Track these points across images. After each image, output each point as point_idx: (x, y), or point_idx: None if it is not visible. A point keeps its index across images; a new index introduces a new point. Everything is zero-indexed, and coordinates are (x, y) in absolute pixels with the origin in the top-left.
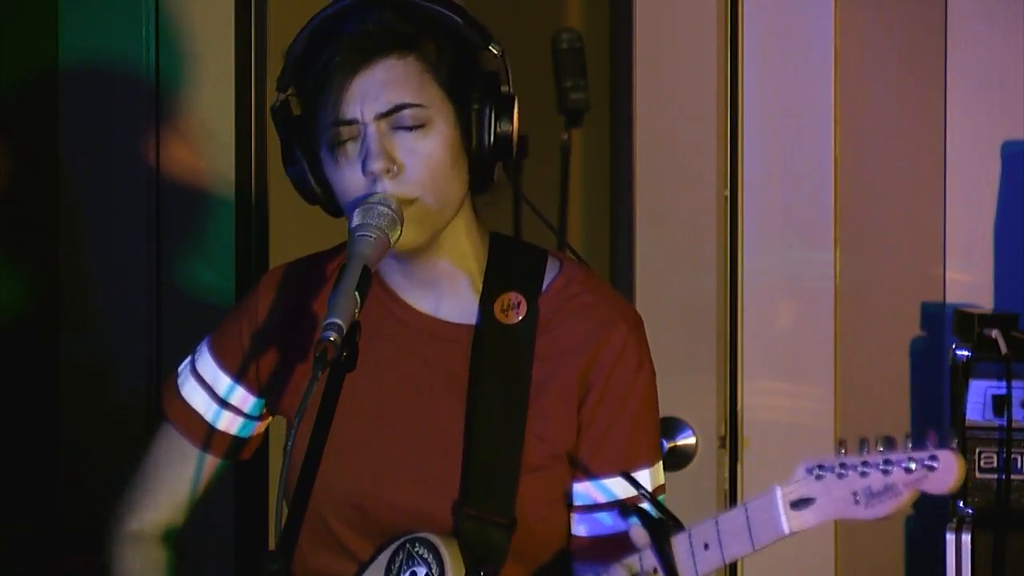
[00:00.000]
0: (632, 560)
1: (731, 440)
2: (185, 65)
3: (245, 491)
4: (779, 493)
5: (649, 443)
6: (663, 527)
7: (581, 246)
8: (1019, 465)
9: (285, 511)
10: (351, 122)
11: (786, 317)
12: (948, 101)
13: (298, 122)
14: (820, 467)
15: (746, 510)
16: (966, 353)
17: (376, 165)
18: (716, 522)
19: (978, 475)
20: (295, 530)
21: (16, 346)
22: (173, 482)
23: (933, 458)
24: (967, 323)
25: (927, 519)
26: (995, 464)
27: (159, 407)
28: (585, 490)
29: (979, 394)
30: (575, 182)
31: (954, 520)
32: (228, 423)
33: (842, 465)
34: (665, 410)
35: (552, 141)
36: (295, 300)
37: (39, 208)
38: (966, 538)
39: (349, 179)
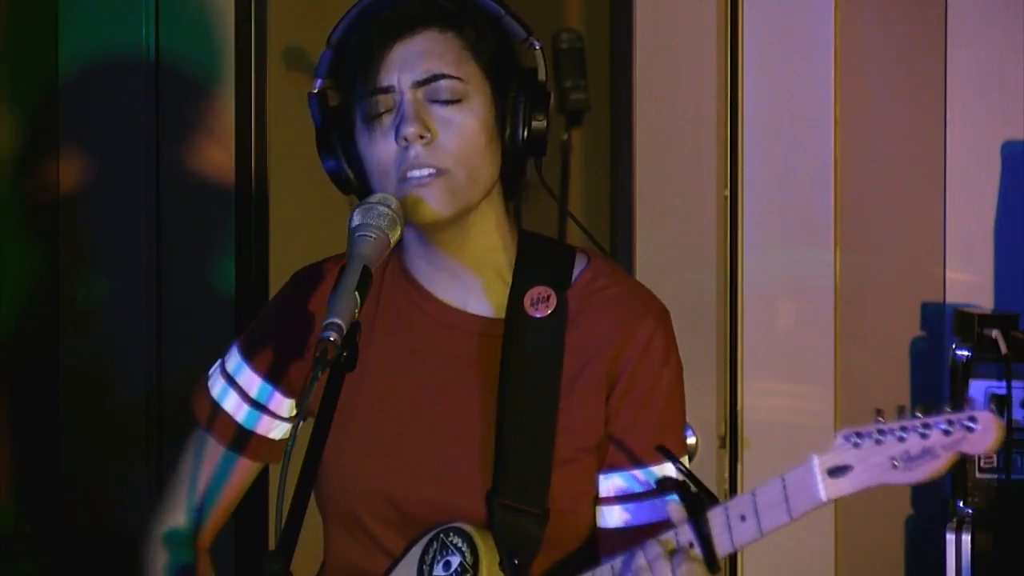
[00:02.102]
0: (669, 536)
1: (731, 440)
2: (185, 64)
3: (245, 491)
4: (816, 461)
5: (675, 436)
6: (700, 501)
7: (581, 246)
8: (1019, 465)
9: (286, 511)
10: (387, 89)
11: (786, 317)
12: (948, 101)
13: (335, 111)
14: (858, 434)
15: (783, 480)
16: (966, 353)
17: (410, 129)
18: (753, 494)
19: (978, 475)
20: (295, 530)
21: (17, 348)
22: (206, 484)
23: (972, 419)
24: (967, 323)
25: (927, 519)
26: (995, 464)
27: (190, 409)
28: (610, 482)
29: (979, 394)
30: (575, 182)
31: (954, 520)
32: (258, 424)
33: (879, 431)
34: None
35: (552, 141)
36: (322, 299)
37: (39, 208)
38: (966, 538)
39: (383, 149)
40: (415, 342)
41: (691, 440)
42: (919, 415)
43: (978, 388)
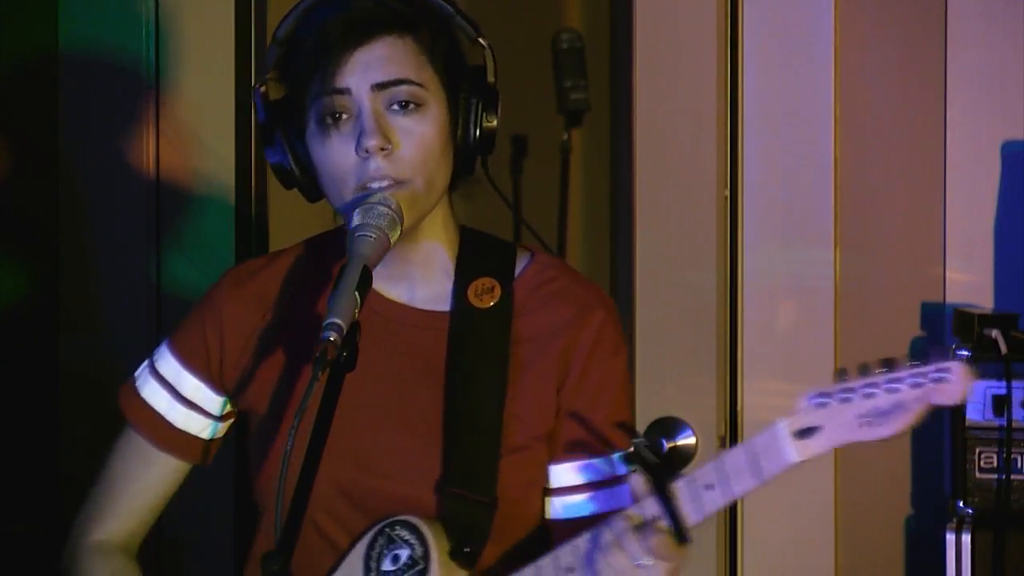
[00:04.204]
0: (634, 510)
1: (731, 440)
2: (185, 61)
3: (245, 491)
4: (781, 424)
5: (627, 423)
6: (662, 472)
7: (581, 247)
8: (1019, 465)
9: (286, 511)
10: (344, 91)
11: (786, 317)
12: (948, 101)
13: (280, 104)
14: (822, 395)
15: (749, 446)
16: (966, 353)
17: (371, 142)
18: (720, 462)
19: (978, 475)
20: (295, 530)
21: (16, 346)
22: (137, 488)
23: (943, 369)
24: (967, 323)
25: (927, 519)
26: (995, 464)
27: (119, 411)
28: (562, 472)
29: (979, 394)
30: (575, 182)
31: (954, 520)
32: (191, 424)
33: (845, 390)
34: (665, 410)
35: (552, 141)
36: (261, 296)
37: (39, 206)
38: (966, 538)
39: (339, 155)
40: (363, 339)
41: (691, 440)
42: (884, 370)
43: (978, 388)
